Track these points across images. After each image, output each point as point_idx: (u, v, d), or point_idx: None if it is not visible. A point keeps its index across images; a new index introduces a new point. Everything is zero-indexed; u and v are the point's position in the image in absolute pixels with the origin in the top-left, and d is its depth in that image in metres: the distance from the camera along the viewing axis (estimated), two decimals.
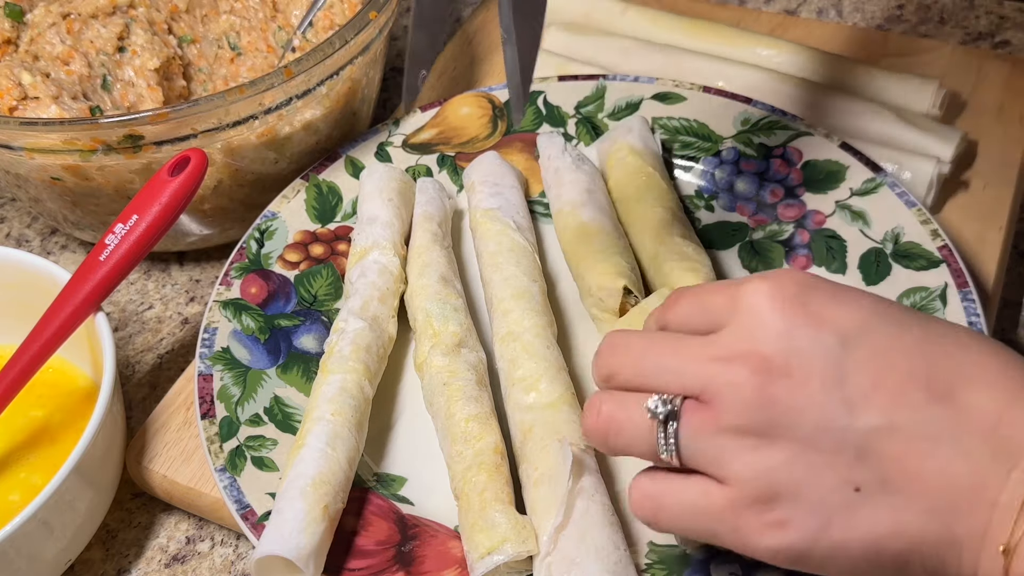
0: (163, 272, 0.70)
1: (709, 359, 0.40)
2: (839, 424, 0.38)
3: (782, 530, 0.39)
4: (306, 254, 0.62)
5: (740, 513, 0.39)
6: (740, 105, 0.66)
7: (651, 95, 0.68)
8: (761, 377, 0.38)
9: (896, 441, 0.37)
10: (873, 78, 0.70)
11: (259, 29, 0.73)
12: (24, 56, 0.66)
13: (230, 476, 0.51)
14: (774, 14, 0.82)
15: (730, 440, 0.39)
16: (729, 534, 0.40)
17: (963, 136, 0.66)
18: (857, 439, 0.38)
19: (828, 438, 0.38)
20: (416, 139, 0.68)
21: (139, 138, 0.58)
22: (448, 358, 0.53)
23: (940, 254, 0.57)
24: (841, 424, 0.38)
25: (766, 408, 0.38)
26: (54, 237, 0.74)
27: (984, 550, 0.36)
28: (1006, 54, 0.78)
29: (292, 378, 0.56)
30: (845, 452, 0.38)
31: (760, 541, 0.39)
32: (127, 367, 0.64)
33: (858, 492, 0.38)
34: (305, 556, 0.46)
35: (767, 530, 0.39)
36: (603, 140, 0.66)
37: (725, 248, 0.63)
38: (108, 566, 0.54)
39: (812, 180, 0.63)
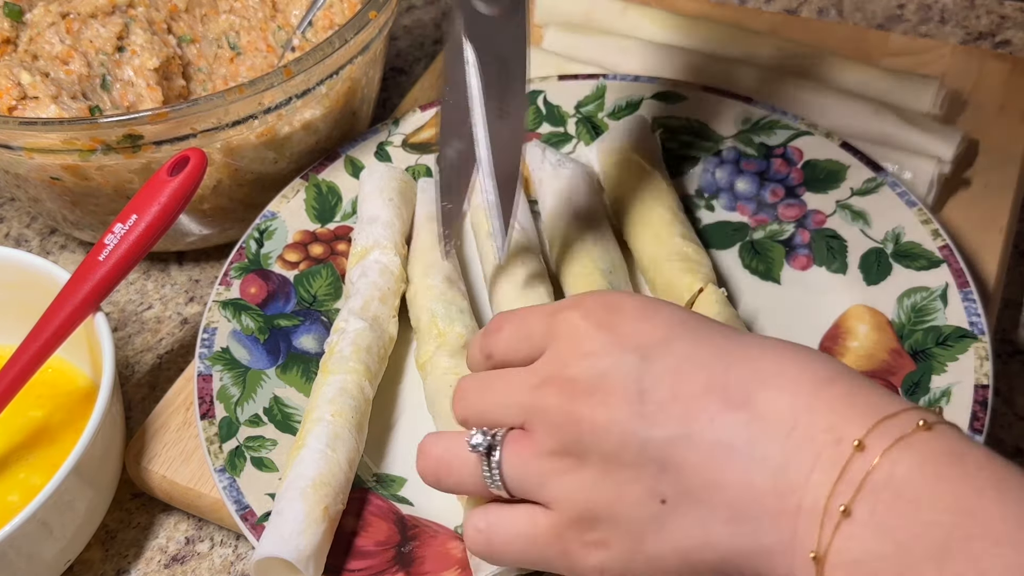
0: (162, 272, 0.70)
1: (528, 388, 0.41)
2: (639, 438, 0.38)
3: (603, 549, 0.39)
4: (306, 254, 0.62)
5: (564, 536, 0.40)
6: (740, 105, 0.66)
7: (651, 95, 0.68)
8: (568, 400, 0.39)
9: (694, 451, 0.37)
10: (873, 78, 0.70)
11: (259, 29, 0.73)
12: (23, 56, 0.66)
13: (229, 476, 0.51)
14: (774, 14, 0.82)
15: (548, 464, 0.40)
16: (558, 559, 0.41)
17: (964, 136, 0.66)
18: (657, 451, 0.38)
19: (631, 453, 0.38)
20: (416, 139, 0.68)
21: (138, 138, 0.58)
22: (455, 359, 0.53)
23: (941, 254, 0.57)
24: (641, 438, 0.38)
25: (574, 429, 0.39)
26: (53, 237, 0.74)
27: (795, 558, 0.35)
28: (1007, 54, 0.78)
29: (292, 378, 0.56)
30: (648, 465, 0.38)
31: (586, 562, 0.40)
32: (126, 367, 0.64)
33: (664, 504, 0.38)
34: (305, 558, 0.46)
35: (590, 550, 0.40)
36: (603, 139, 0.66)
37: (725, 248, 0.63)
38: (107, 566, 0.54)
39: (813, 180, 0.63)
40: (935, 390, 0.51)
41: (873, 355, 0.55)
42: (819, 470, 0.35)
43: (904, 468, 0.34)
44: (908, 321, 0.55)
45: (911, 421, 0.35)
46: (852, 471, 0.34)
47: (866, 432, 0.35)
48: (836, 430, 0.35)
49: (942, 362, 0.52)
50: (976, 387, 0.50)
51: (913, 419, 0.35)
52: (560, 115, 0.69)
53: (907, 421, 0.35)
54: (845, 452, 0.35)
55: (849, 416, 0.36)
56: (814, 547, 0.35)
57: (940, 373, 0.52)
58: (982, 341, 0.52)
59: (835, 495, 0.34)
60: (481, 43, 0.48)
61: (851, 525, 0.34)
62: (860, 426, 0.35)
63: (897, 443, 0.34)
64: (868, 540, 0.34)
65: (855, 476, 0.34)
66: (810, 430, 0.36)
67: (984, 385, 0.51)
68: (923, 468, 0.34)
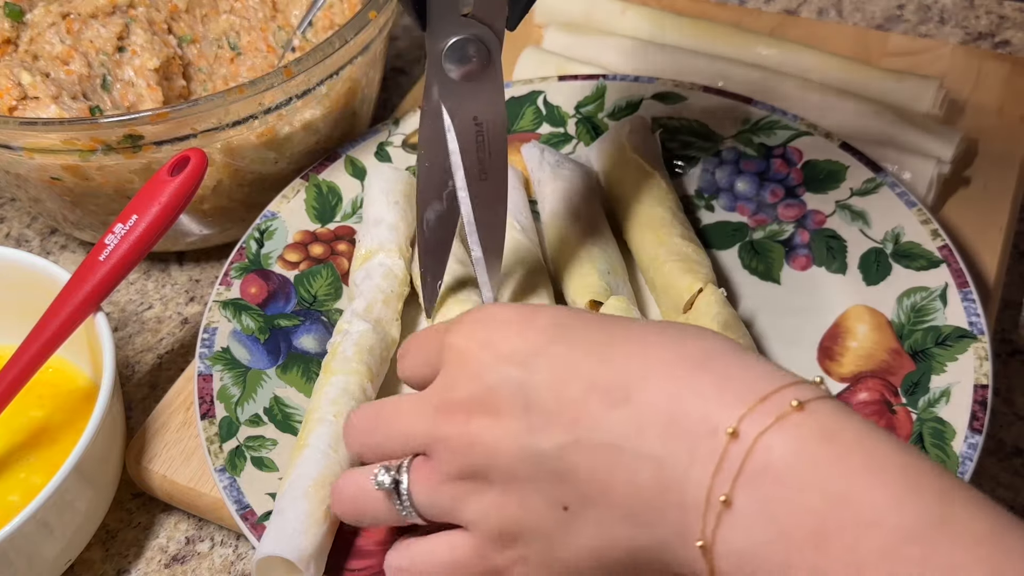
0: (163, 272, 0.70)
1: (421, 416, 0.41)
2: (532, 451, 0.38)
3: (523, 563, 0.40)
4: (306, 254, 0.62)
5: (488, 557, 0.40)
6: (740, 105, 0.66)
7: (651, 95, 0.68)
8: (460, 424, 0.40)
9: (584, 456, 0.37)
10: (873, 78, 0.70)
11: (259, 29, 0.73)
12: (24, 56, 0.66)
13: (230, 476, 0.51)
14: (774, 14, 0.82)
15: (455, 488, 0.40)
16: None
17: (963, 136, 0.66)
18: (551, 461, 0.38)
19: (527, 467, 0.38)
20: (416, 139, 0.68)
21: (139, 138, 0.58)
22: None
23: (940, 254, 0.57)
24: (534, 451, 0.38)
25: (470, 452, 0.40)
26: (54, 237, 0.74)
27: (688, 550, 0.36)
28: (1006, 54, 0.78)
29: (292, 378, 0.56)
30: (546, 476, 0.38)
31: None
32: (127, 367, 0.64)
33: (567, 511, 0.38)
34: (307, 557, 0.46)
35: (514, 567, 0.40)
36: (603, 140, 0.66)
37: (725, 248, 0.63)
38: (108, 566, 0.54)
39: (812, 180, 0.63)
40: (935, 390, 0.51)
41: (873, 355, 0.55)
42: (698, 462, 0.35)
43: (778, 453, 0.34)
44: (908, 321, 0.55)
45: (785, 401, 0.35)
46: (729, 460, 0.34)
47: (739, 419, 0.35)
48: (710, 419, 0.35)
49: (942, 362, 0.52)
50: (976, 387, 0.51)
51: (787, 399, 0.35)
52: (560, 115, 0.69)
53: (781, 402, 0.35)
54: (720, 441, 0.35)
55: (723, 402, 0.35)
56: (700, 538, 0.35)
57: (940, 373, 0.52)
58: (981, 341, 0.52)
59: (715, 486, 0.35)
60: (457, 107, 0.49)
61: (733, 515, 0.34)
62: (733, 413, 0.35)
63: (770, 428, 0.34)
64: (751, 528, 0.34)
65: (732, 465, 0.34)
66: (685, 421, 0.36)
67: (983, 385, 0.51)
68: (797, 452, 0.34)
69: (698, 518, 0.35)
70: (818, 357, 0.56)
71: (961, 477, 0.47)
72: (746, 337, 0.54)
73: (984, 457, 0.56)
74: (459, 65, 0.48)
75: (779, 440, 0.34)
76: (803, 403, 0.35)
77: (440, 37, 0.47)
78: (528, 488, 0.39)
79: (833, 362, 0.56)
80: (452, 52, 0.47)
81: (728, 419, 0.35)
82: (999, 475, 0.58)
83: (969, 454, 0.48)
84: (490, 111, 0.50)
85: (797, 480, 0.33)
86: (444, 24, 0.46)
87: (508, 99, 0.68)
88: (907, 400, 0.52)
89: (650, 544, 0.37)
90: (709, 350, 0.38)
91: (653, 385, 0.37)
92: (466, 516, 0.41)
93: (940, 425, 0.50)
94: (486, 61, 0.48)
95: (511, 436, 0.39)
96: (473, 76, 0.48)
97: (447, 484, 0.41)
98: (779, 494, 0.34)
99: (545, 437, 0.38)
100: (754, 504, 0.34)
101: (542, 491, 0.38)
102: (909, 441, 0.50)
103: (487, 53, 0.48)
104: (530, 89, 0.69)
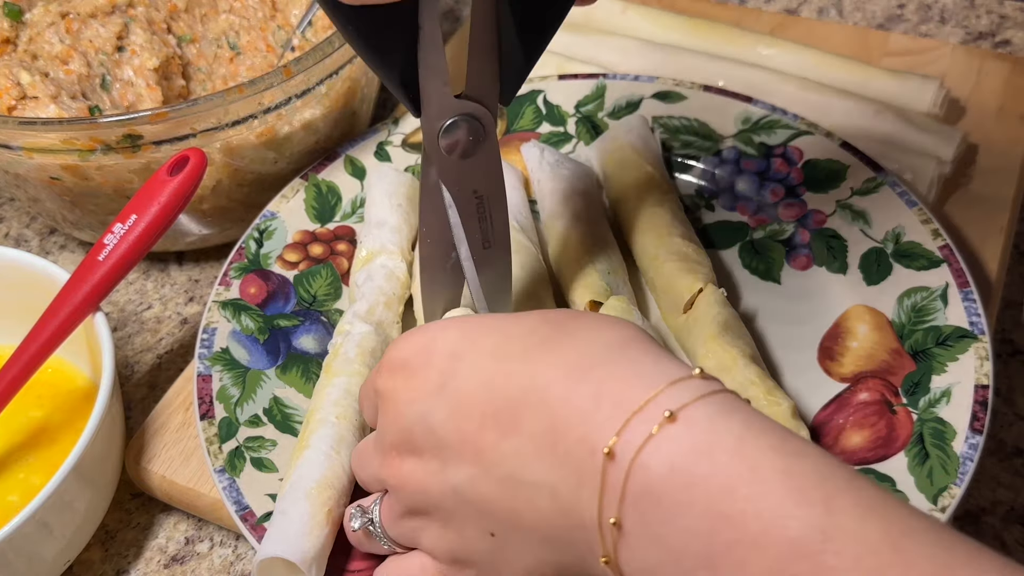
0: (162, 272, 0.70)
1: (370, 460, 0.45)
2: (449, 486, 0.39)
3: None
4: (305, 254, 0.62)
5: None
6: (740, 104, 0.66)
7: (651, 94, 0.68)
8: (395, 465, 0.42)
9: (490, 486, 0.38)
10: (873, 78, 0.70)
11: (258, 28, 0.73)
12: (23, 55, 0.66)
13: (229, 477, 0.51)
14: (774, 13, 0.82)
15: (408, 524, 0.43)
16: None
17: (964, 136, 0.66)
18: (467, 494, 0.39)
19: (450, 500, 0.40)
20: (415, 139, 0.68)
21: (138, 138, 0.58)
22: None
23: (941, 254, 0.56)
24: (451, 485, 0.39)
25: (407, 492, 0.42)
26: (53, 237, 0.74)
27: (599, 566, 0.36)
28: (1007, 54, 0.78)
29: (291, 378, 0.56)
30: (467, 507, 0.39)
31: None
32: (126, 367, 0.64)
33: (495, 537, 0.39)
34: (310, 560, 0.46)
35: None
36: (603, 139, 0.66)
37: (725, 248, 0.62)
38: (107, 567, 0.54)
39: (813, 179, 0.63)
40: (935, 390, 0.51)
41: (873, 355, 0.55)
42: (585, 485, 0.35)
43: (656, 473, 0.33)
44: (908, 321, 0.55)
45: (658, 412, 0.34)
46: (610, 483, 0.34)
47: (614, 438, 0.34)
48: (588, 439, 0.35)
49: (942, 362, 0.52)
50: (976, 387, 0.50)
51: (660, 409, 0.34)
52: (560, 115, 0.69)
53: (654, 413, 0.34)
54: (599, 463, 0.34)
55: (600, 419, 0.35)
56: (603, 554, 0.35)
57: (940, 373, 0.52)
58: (982, 341, 0.52)
59: (603, 509, 0.34)
60: (456, 183, 0.49)
61: (625, 537, 0.34)
62: (608, 431, 0.34)
63: (644, 446, 0.33)
64: (645, 550, 0.34)
65: (614, 487, 0.34)
66: (567, 444, 0.36)
67: (984, 385, 0.50)
68: (673, 471, 0.33)
69: (597, 540, 0.35)
70: (818, 357, 0.56)
71: (962, 477, 0.47)
72: (746, 337, 0.54)
73: (985, 457, 0.56)
74: (455, 144, 0.48)
75: (654, 460, 0.33)
76: (675, 413, 0.34)
77: (435, 119, 0.47)
78: (459, 519, 0.40)
79: (833, 362, 0.56)
80: (448, 133, 0.47)
81: (604, 438, 0.34)
82: (999, 475, 0.58)
83: (970, 454, 0.48)
84: (489, 184, 0.50)
85: (679, 500, 0.33)
86: (438, 106, 0.47)
87: None
88: (908, 400, 0.52)
89: (572, 561, 0.37)
90: (589, 356, 0.37)
91: (535, 407, 0.37)
92: (424, 546, 0.43)
93: (941, 425, 0.50)
94: (481, 137, 0.48)
95: (431, 474, 0.40)
96: (470, 152, 0.48)
97: (401, 520, 0.43)
98: (662, 516, 0.33)
99: (456, 472, 0.39)
100: (641, 527, 0.34)
101: (468, 521, 0.40)
102: (910, 441, 0.50)
103: (482, 129, 0.48)
104: (530, 88, 0.69)
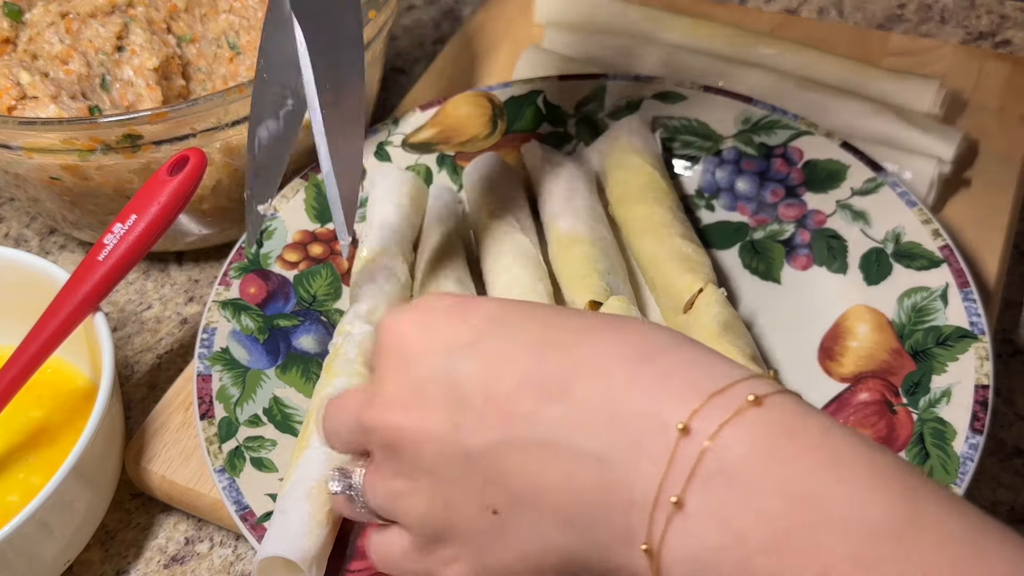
0: (162, 272, 0.70)
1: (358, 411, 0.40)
2: (461, 450, 0.36)
3: (455, 565, 0.38)
4: (305, 254, 0.62)
5: (424, 555, 0.39)
6: (740, 104, 0.66)
7: (651, 94, 0.68)
8: (390, 418, 0.38)
9: (515, 456, 0.35)
10: (873, 78, 0.70)
11: (258, 28, 0.73)
12: (23, 55, 0.66)
13: (229, 477, 0.51)
14: (774, 13, 0.82)
15: (391, 487, 0.39)
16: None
17: (964, 136, 0.66)
18: (480, 462, 0.36)
19: (455, 467, 0.36)
20: (415, 138, 0.68)
21: (138, 138, 0.58)
22: None
23: (941, 254, 0.56)
24: (462, 450, 0.36)
25: (396, 447, 0.38)
26: (53, 237, 0.74)
27: (633, 553, 0.33)
28: (1007, 54, 0.78)
29: (291, 378, 0.56)
30: (474, 478, 0.36)
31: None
32: (126, 367, 0.64)
33: (497, 515, 0.36)
34: (310, 559, 0.46)
35: (447, 566, 0.38)
36: (603, 140, 0.66)
37: (725, 248, 0.62)
38: (107, 567, 0.54)
39: (813, 180, 0.63)
40: (935, 390, 0.51)
41: (873, 355, 0.55)
42: (646, 459, 0.32)
43: (735, 452, 0.31)
44: (908, 321, 0.55)
45: (740, 396, 0.32)
46: (681, 458, 0.32)
47: (691, 414, 0.32)
48: (659, 414, 0.33)
49: (942, 362, 0.52)
50: (976, 387, 0.50)
51: (742, 393, 0.32)
52: (560, 115, 0.69)
53: (736, 397, 0.32)
54: (671, 439, 0.32)
55: (672, 396, 0.33)
56: (646, 541, 0.32)
57: (940, 373, 0.52)
58: (982, 341, 0.52)
59: (665, 486, 0.32)
60: (311, 20, 0.44)
61: (684, 518, 0.32)
62: (685, 407, 0.32)
63: (726, 424, 0.32)
64: (704, 533, 0.31)
65: (684, 464, 0.32)
66: (630, 417, 0.33)
67: (984, 385, 0.50)
68: (755, 450, 0.31)
69: (645, 520, 0.32)
70: (818, 357, 0.56)
71: (962, 477, 0.47)
72: (746, 337, 0.54)
73: (985, 457, 0.56)
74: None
75: (736, 437, 0.32)
76: (760, 398, 0.32)
77: None
78: (455, 489, 0.37)
79: (833, 362, 0.56)
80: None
81: (679, 414, 0.32)
82: (1000, 475, 0.58)
83: (970, 454, 0.48)
84: (346, 26, 0.45)
85: (756, 481, 0.31)
86: None
87: (508, 99, 0.68)
88: (908, 400, 0.52)
89: (587, 549, 0.35)
90: (655, 343, 0.35)
91: (593, 378, 0.34)
92: (400, 516, 0.39)
93: (941, 425, 0.50)
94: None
95: (436, 433, 0.36)
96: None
97: (384, 482, 0.39)
98: (736, 496, 0.31)
99: (472, 435, 0.36)
100: (708, 507, 0.31)
101: (469, 493, 0.36)
102: (910, 441, 0.50)
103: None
104: (530, 89, 0.69)
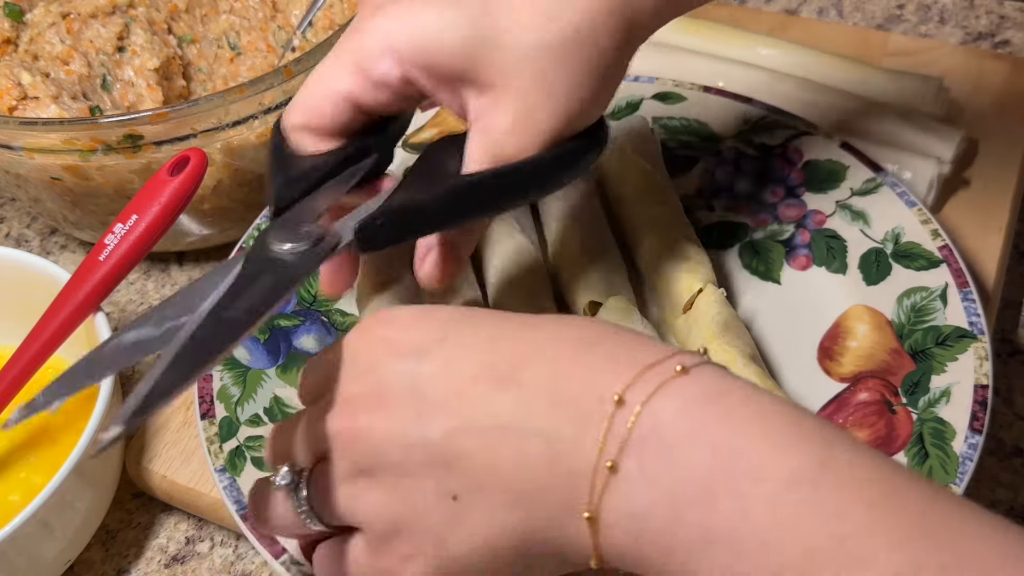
0: (163, 272, 0.70)
1: (317, 418, 0.40)
2: (421, 441, 0.38)
3: (413, 561, 0.39)
4: None
5: (380, 555, 0.39)
6: (740, 105, 0.66)
7: (651, 95, 0.68)
8: (352, 416, 0.39)
9: (471, 439, 0.37)
10: (873, 78, 0.70)
11: (259, 29, 0.73)
12: (24, 56, 0.66)
13: (230, 476, 0.51)
14: (774, 14, 0.82)
15: (347, 488, 0.39)
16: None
17: (963, 136, 0.66)
18: (440, 449, 0.37)
19: (416, 459, 0.38)
20: (416, 139, 0.68)
21: (139, 138, 0.58)
22: None
23: (940, 254, 0.57)
24: (422, 440, 0.38)
25: (360, 447, 0.39)
26: (54, 237, 0.74)
27: (576, 523, 0.35)
28: (1006, 54, 0.78)
29: (292, 378, 0.56)
30: (435, 467, 0.37)
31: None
32: (126, 367, 0.64)
33: (457, 501, 0.37)
34: None
35: (403, 565, 0.39)
36: None
37: (725, 248, 0.63)
38: (108, 566, 0.54)
39: (813, 180, 0.63)
40: (935, 390, 0.51)
41: (873, 355, 0.55)
42: (586, 432, 0.35)
43: (665, 416, 0.34)
44: (908, 321, 0.55)
45: (669, 368, 0.35)
46: (616, 427, 0.34)
47: (625, 387, 0.35)
48: (597, 389, 0.35)
49: (942, 362, 0.52)
50: (976, 387, 0.50)
51: (672, 365, 0.35)
52: None
53: (666, 368, 0.35)
54: (607, 409, 0.35)
55: (610, 373, 0.36)
56: (587, 508, 0.35)
57: (940, 373, 0.52)
58: (982, 341, 0.52)
59: (603, 454, 0.34)
60: (257, 264, 0.43)
61: (619, 481, 0.34)
62: (619, 382, 0.35)
63: (656, 392, 0.34)
64: (637, 493, 0.34)
65: (619, 432, 0.34)
66: (571, 394, 0.36)
67: (984, 385, 0.51)
68: (683, 413, 0.34)
69: (586, 487, 0.35)
70: (818, 357, 0.56)
71: (961, 477, 0.48)
72: (746, 337, 0.54)
73: (984, 457, 0.56)
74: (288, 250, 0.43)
75: (664, 404, 0.34)
76: (687, 368, 0.35)
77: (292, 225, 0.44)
78: (417, 482, 0.38)
79: (833, 362, 0.56)
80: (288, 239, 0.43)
81: (614, 388, 0.35)
82: (999, 475, 0.58)
83: (969, 454, 0.48)
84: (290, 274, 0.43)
85: (682, 440, 0.34)
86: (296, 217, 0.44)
87: None
88: (907, 400, 0.52)
89: (539, 525, 0.37)
90: (596, 332, 0.38)
91: (540, 364, 0.37)
92: (357, 516, 0.40)
93: (940, 425, 0.50)
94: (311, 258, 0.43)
95: (400, 428, 0.38)
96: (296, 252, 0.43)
97: (340, 483, 0.40)
98: (664, 455, 0.34)
99: (433, 425, 0.38)
100: (640, 468, 0.34)
101: (431, 483, 0.38)
102: (909, 441, 0.50)
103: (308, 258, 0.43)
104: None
